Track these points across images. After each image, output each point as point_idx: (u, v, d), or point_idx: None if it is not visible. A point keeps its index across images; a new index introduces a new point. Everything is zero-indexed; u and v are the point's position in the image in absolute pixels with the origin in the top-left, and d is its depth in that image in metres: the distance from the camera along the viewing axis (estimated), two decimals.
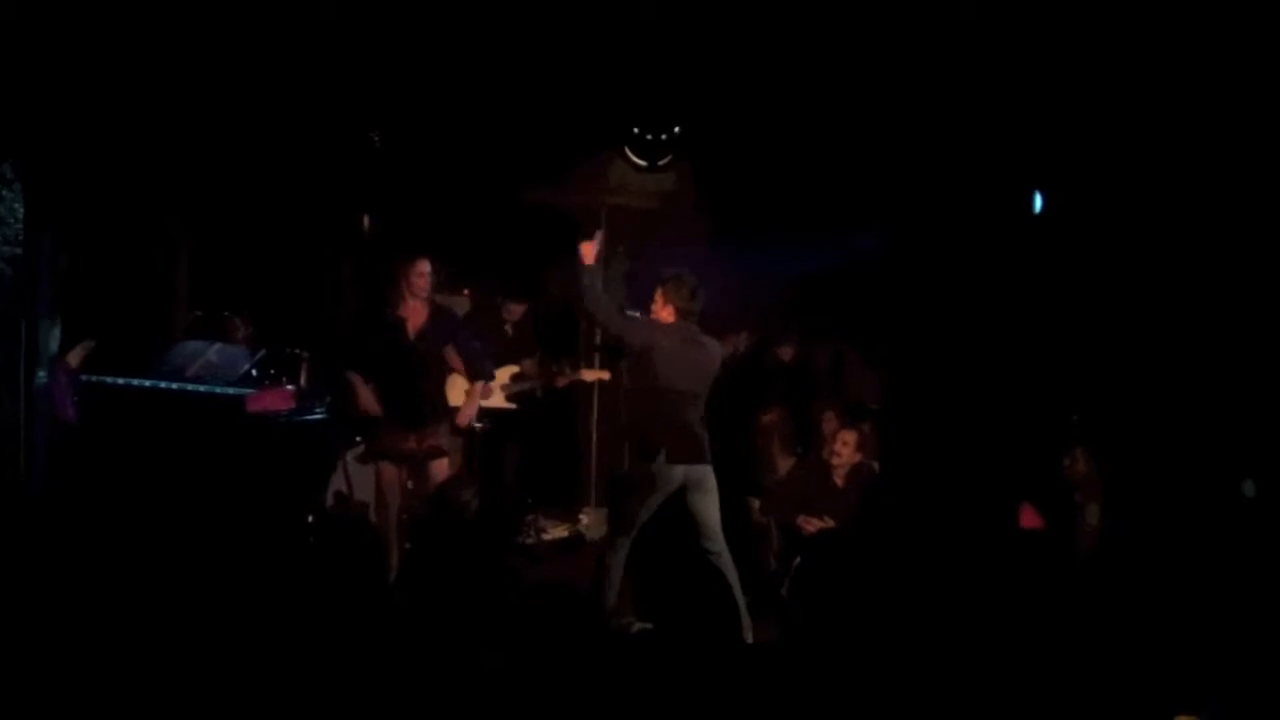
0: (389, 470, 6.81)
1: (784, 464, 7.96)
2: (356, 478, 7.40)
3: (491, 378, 7.27)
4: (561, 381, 8.43)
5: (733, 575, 6.25)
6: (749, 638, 6.16)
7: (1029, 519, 6.86)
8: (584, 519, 9.10)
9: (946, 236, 7.06)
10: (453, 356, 7.04)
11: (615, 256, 6.84)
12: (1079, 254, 7.50)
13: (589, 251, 6.16)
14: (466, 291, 9.18)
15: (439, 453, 6.86)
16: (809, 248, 8.72)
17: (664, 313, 6.25)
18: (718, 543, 6.25)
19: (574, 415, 9.53)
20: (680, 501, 6.22)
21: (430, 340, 6.83)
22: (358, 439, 7.39)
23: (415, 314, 6.82)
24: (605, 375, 8.46)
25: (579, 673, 5.53)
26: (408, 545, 6.89)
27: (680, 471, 6.13)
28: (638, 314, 6.50)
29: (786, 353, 9.05)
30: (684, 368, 6.15)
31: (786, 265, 8.82)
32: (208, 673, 5.00)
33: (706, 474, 6.22)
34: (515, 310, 8.65)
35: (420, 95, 7.76)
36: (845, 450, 7.32)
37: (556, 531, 8.91)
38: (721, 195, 8.61)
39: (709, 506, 6.23)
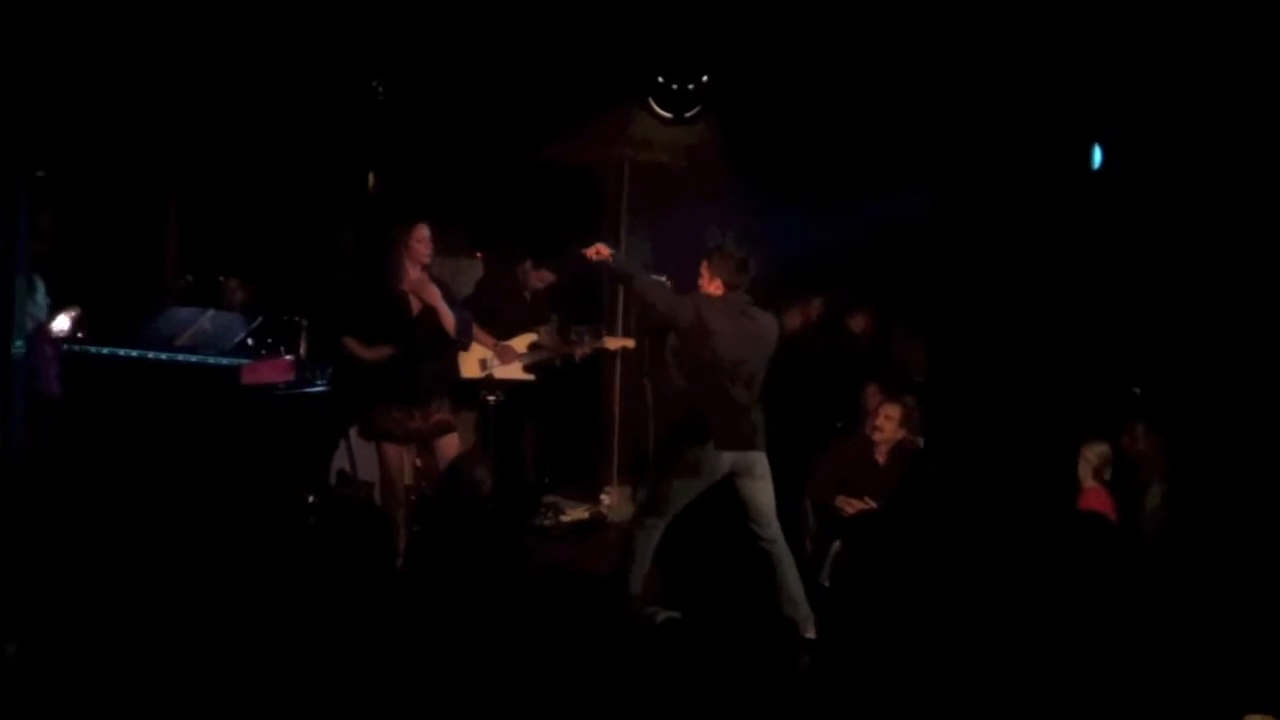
0: (392, 449, 6.79)
1: None
2: (361, 455, 7.39)
3: (466, 348, 7.25)
4: (581, 351, 8.38)
5: (788, 565, 6.22)
6: (810, 633, 6.14)
7: (1093, 500, 6.78)
8: (606, 499, 9.08)
9: (997, 193, 7.01)
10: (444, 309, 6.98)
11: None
12: (1141, 212, 7.41)
13: (599, 252, 6.13)
14: (479, 254, 9.17)
15: (447, 428, 6.83)
16: (848, 207, 8.59)
17: (711, 286, 6.18)
18: (770, 529, 6.21)
19: (596, 387, 9.48)
20: (724, 483, 6.18)
21: (428, 314, 6.80)
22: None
23: (416, 286, 6.81)
24: (629, 343, 8.38)
25: (598, 665, 5.49)
26: (416, 528, 6.94)
27: (728, 459, 6.09)
28: (664, 278, 6.49)
29: (858, 323, 8.93)
30: (734, 346, 6.10)
31: (823, 226, 8.68)
32: (200, 663, 5.02)
33: (757, 461, 6.17)
34: (543, 277, 8.64)
35: (426, 41, 7.73)
36: (888, 425, 7.27)
37: (576, 513, 8.86)
38: (753, 151, 8.59)
39: (760, 493, 6.20)
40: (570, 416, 9.28)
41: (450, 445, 6.81)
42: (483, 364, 7.97)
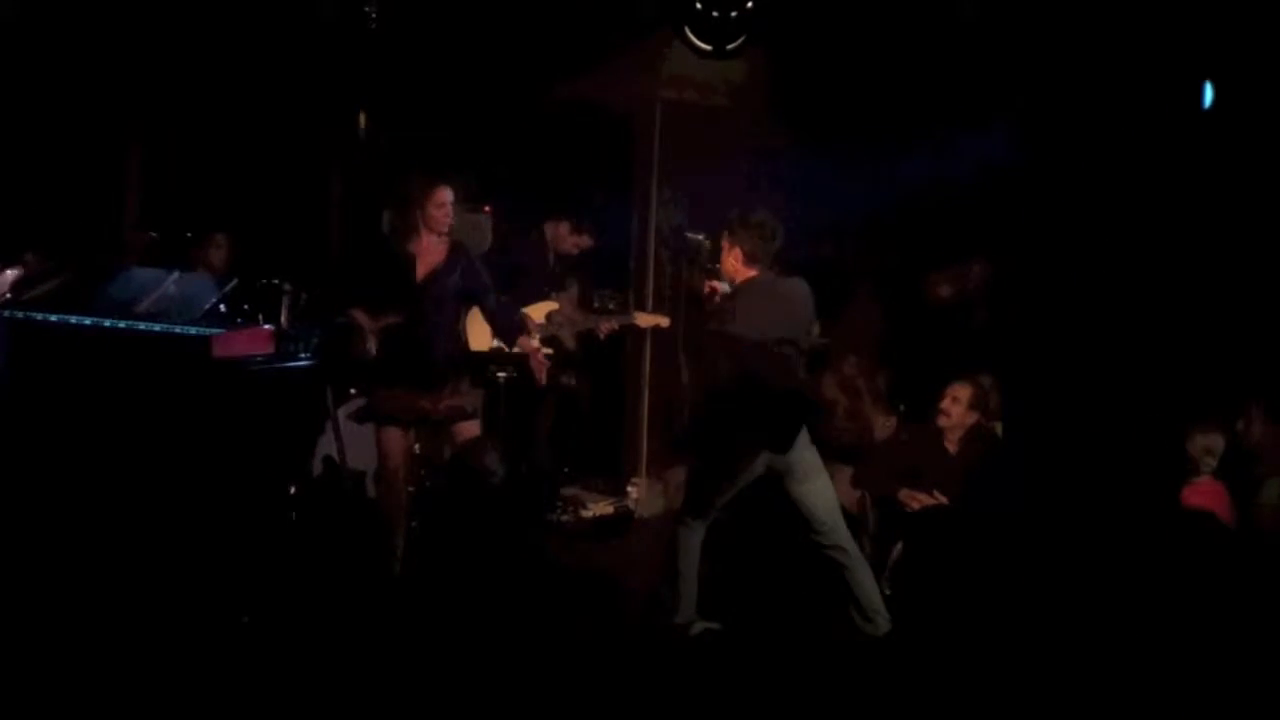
0: (393, 435, 6.76)
1: (883, 425, 7.90)
2: (352, 440, 7.37)
3: (524, 331, 7.21)
4: (607, 327, 8.33)
5: (862, 573, 6.20)
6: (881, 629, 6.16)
7: (1204, 495, 6.69)
8: (633, 492, 9.06)
9: (1092, 138, 6.84)
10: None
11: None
12: (1257, 160, 7.29)
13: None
14: (488, 208, 9.09)
15: (461, 414, 6.79)
16: (914, 155, 8.45)
17: (730, 259, 6.16)
18: (832, 534, 6.19)
19: (622, 365, 9.44)
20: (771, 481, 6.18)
21: (443, 284, 6.77)
22: (353, 391, 7.37)
23: (429, 251, 6.75)
24: (663, 321, 8.35)
25: (625, 684, 5.51)
26: (414, 524, 6.92)
27: (763, 459, 6.09)
28: (701, 236, 6.49)
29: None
30: (768, 327, 6.08)
31: (886, 178, 8.56)
32: (159, 681, 5.00)
33: (799, 459, 6.14)
34: (581, 243, 8.60)
35: None
36: (957, 409, 7.23)
37: (599, 507, 8.85)
38: (805, 89, 8.50)
39: (811, 495, 6.18)
40: (593, 397, 9.24)
41: (463, 433, 6.78)
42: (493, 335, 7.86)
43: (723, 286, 6.19)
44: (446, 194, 6.72)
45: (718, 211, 6.45)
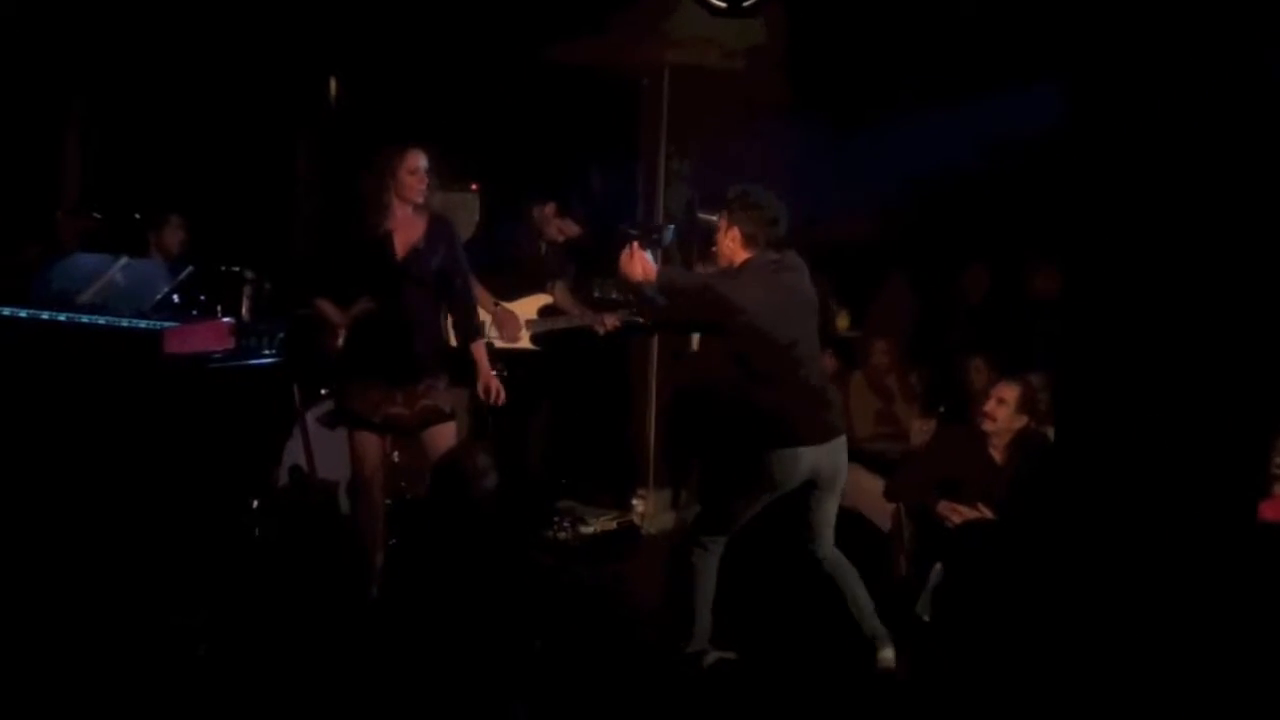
0: (367, 441, 6.73)
1: (919, 429, 7.98)
2: (322, 447, 7.41)
3: (479, 335, 7.18)
4: (609, 322, 8.33)
5: (853, 574, 6.22)
6: (890, 659, 6.16)
7: None
8: (638, 505, 9.02)
9: (1149, 104, 6.77)
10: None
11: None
12: None
13: (638, 266, 6.07)
14: (475, 186, 9.15)
15: (439, 416, 6.73)
16: (949, 126, 8.46)
17: (728, 242, 6.15)
18: (828, 546, 6.25)
19: (625, 362, 9.36)
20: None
21: (425, 264, 6.71)
22: (323, 392, 7.36)
23: (406, 226, 6.69)
24: None
25: None
26: (394, 541, 6.91)
27: (811, 458, 6.04)
28: (715, 216, 6.37)
29: (972, 280, 8.96)
30: (784, 317, 6.07)
31: (917, 150, 8.53)
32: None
33: (843, 449, 6.16)
34: (565, 229, 8.62)
35: None
36: (1003, 411, 7.18)
37: (600, 523, 8.80)
38: (831, 50, 8.47)
39: (831, 501, 6.21)
40: (592, 399, 9.23)
41: (442, 437, 6.72)
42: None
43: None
44: (419, 158, 6.66)
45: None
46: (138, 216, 7.95)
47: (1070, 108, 7.40)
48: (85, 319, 6.50)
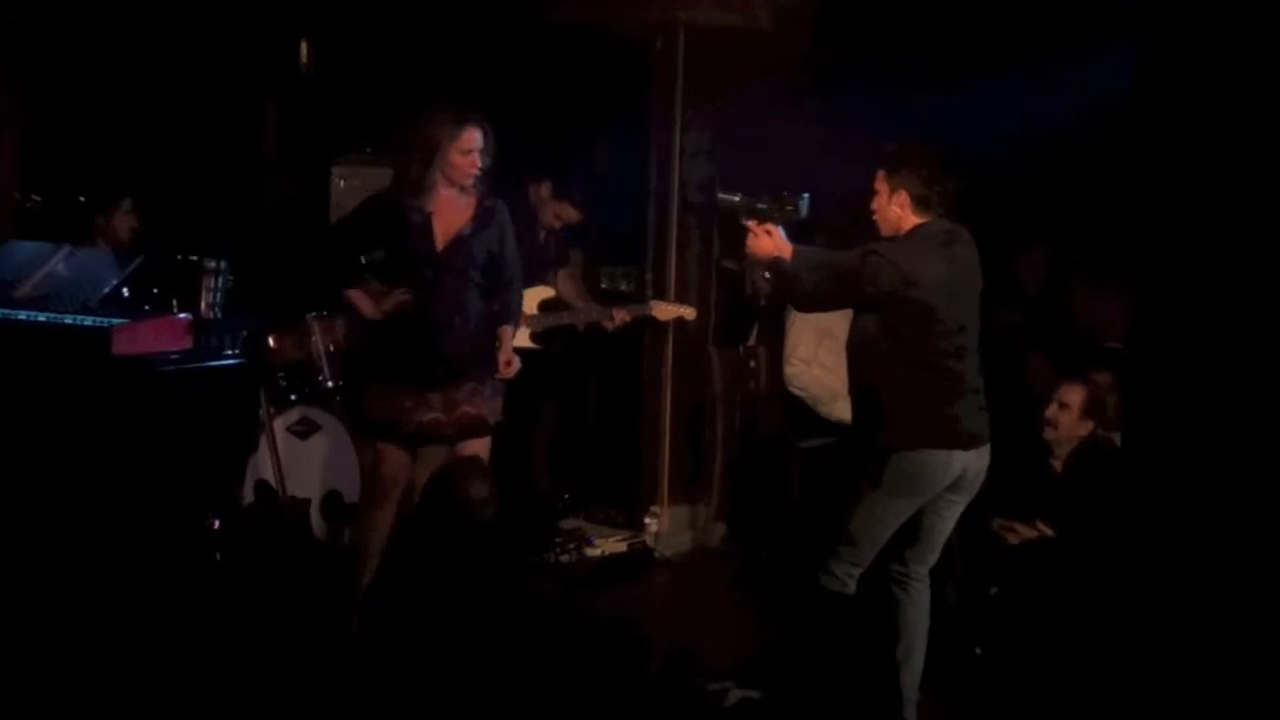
0: (392, 454, 6.75)
1: None
2: (293, 460, 7.51)
3: (514, 323, 7.25)
4: (620, 319, 8.36)
5: (917, 629, 6.18)
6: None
7: None
8: (652, 525, 9.01)
9: (1233, 68, 6.61)
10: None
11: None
12: None
13: (769, 243, 6.03)
14: None
15: (480, 427, 6.79)
16: (1004, 94, 8.43)
17: (893, 207, 6.04)
18: (927, 565, 6.21)
19: (637, 363, 9.36)
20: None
21: (468, 251, 6.75)
22: (294, 398, 7.51)
23: (450, 210, 6.77)
24: (688, 313, 8.40)
25: None
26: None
27: (959, 464, 6.00)
28: (738, 196, 6.39)
29: (1028, 267, 9.01)
30: (951, 297, 6.00)
31: (967, 121, 8.47)
32: None
33: (986, 460, 6.13)
34: (562, 213, 8.67)
35: None
36: (1066, 417, 7.25)
37: (609, 544, 8.81)
38: (867, 10, 8.48)
39: (956, 514, 6.16)
40: (600, 404, 9.36)
41: (477, 452, 6.75)
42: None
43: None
44: (475, 136, 6.67)
45: (757, 165, 6.49)
46: (83, 199, 7.99)
47: (1141, 73, 7.39)
48: (22, 315, 6.43)
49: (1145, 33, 7.10)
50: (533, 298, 8.22)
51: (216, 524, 6.78)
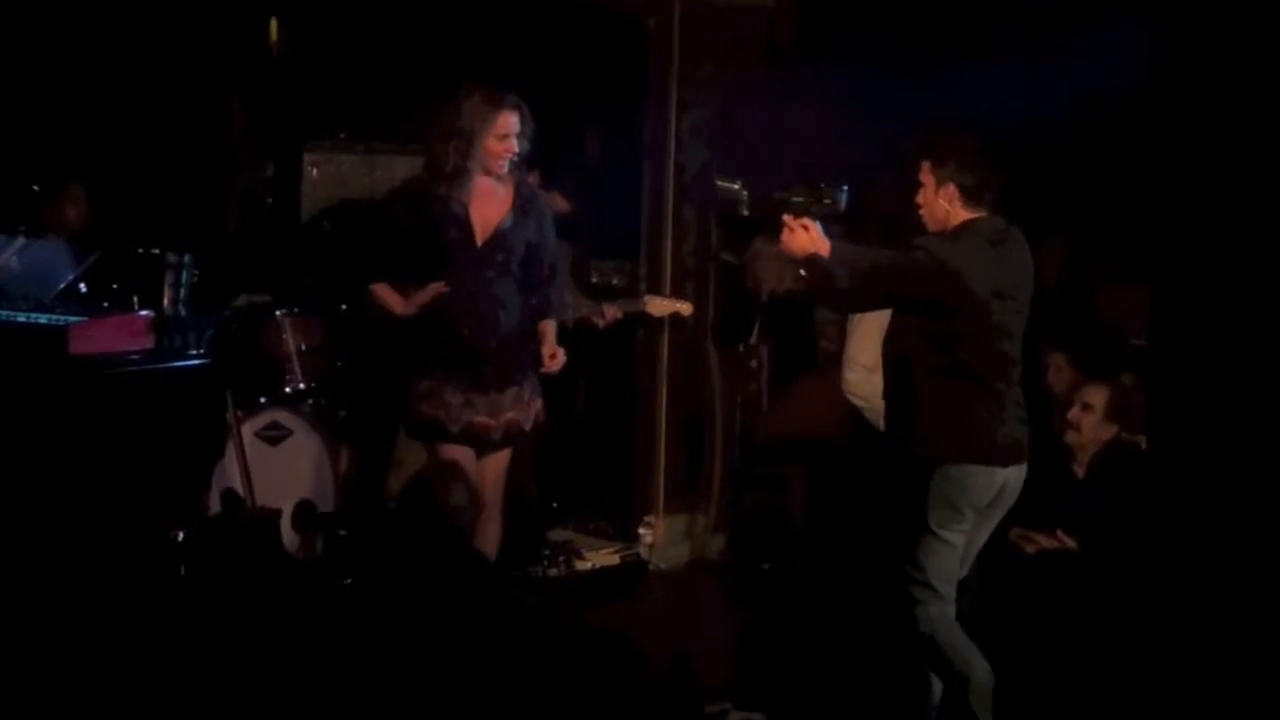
0: (457, 455, 6.68)
1: None
2: (262, 467, 7.49)
3: (553, 317, 7.24)
4: (610, 313, 8.30)
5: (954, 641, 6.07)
6: None
7: None
8: (646, 536, 9.00)
9: (1261, 50, 6.69)
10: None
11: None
12: None
13: (806, 239, 5.90)
14: None
15: (520, 435, 6.83)
16: (1016, 74, 8.40)
17: (940, 201, 5.96)
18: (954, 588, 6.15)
19: (630, 363, 9.39)
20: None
21: (511, 244, 6.74)
22: (263, 400, 7.55)
23: (487, 200, 6.75)
24: (684, 308, 8.37)
25: None
26: (348, 581, 7.10)
27: (1000, 481, 5.96)
28: (738, 184, 6.53)
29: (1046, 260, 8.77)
30: (1006, 303, 5.94)
31: (977, 104, 8.46)
32: None
33: (1023, 476, 6.07)
34: (552, 202, 8.55)
35: None
36: (1089, 420, 7.28)
37: (601, 557, 8.81)
38: None
39: (990, 528, 6.13)
40: (591, 407, 9.36)
41: (499, 461, 6.82)
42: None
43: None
44: (512, 120, 6.62)
45: (757, 149, 6.30)
46: (36, 188, 8.01)
47: (1164, 52, 7.39)
48: None
49: (1167, 9, 7.13)
50: None
51: (180, 536, 6.76)
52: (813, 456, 8.48)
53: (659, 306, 8.37)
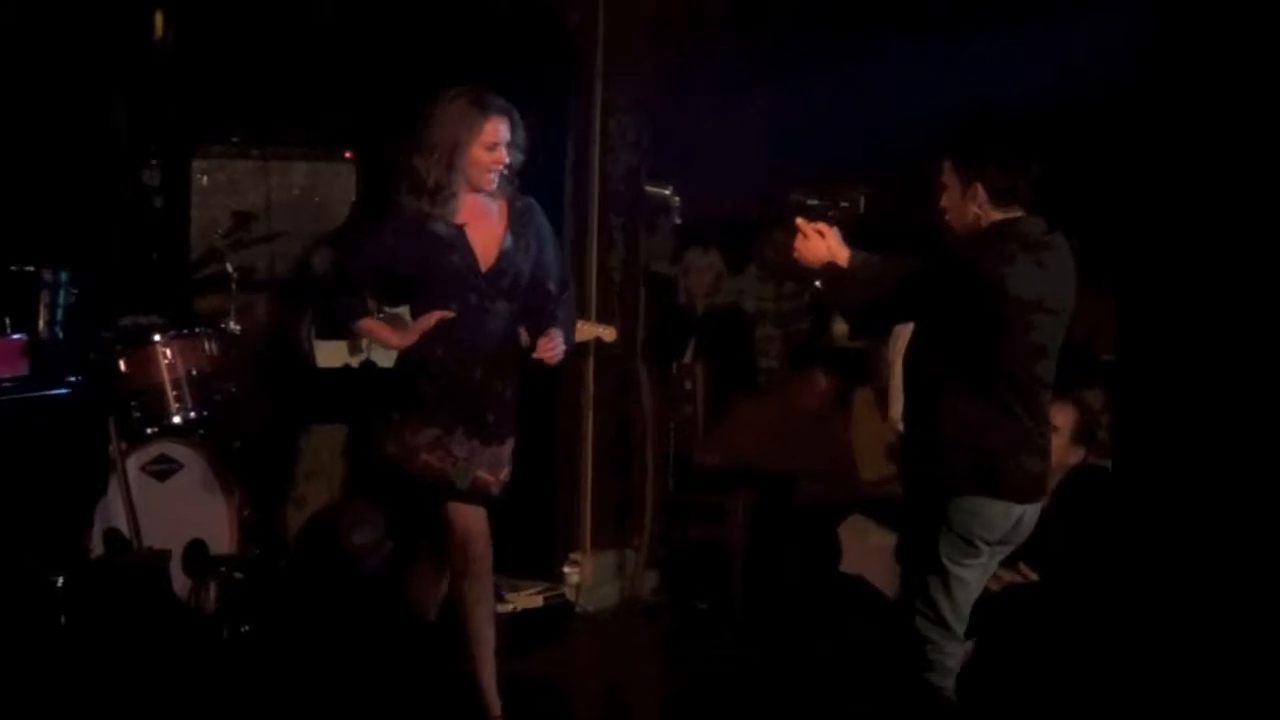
0: (470, 514, 6.61)
1: None
2: (149, 504, 7.46)
3: (571, 347, 7.11)
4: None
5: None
6: None
7: None
8: (573, 574, 9.06)
9: (1239, 51, 6.85)
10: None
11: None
12: None
13: (823, 247, 5.86)
14: (349, 154, 9.18)
15: (494, 490, 6.66)
16: (986, 58, 8.56)
17: (969, 205, 5.82)
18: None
19: (554, 388, 9.24)
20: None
21: (515, 268, 6.61)
22: (151, 431, 7.52)
23: (481, 218, 6.58)
24: (607, 334, 8.33)
25: None
26: (245, 628, 7.00)
27: (1015, 517, 5.90)
28: (669, 189, 6.41)
29: None
30: (1040, 317, 5.81)
31: (942, 91, 8.59)
32: None
33: (1037, 514, 6.05)
34: None
35: None
36: (1056, 442, 7.00)
37: (523, 598, 8.86)
38: None
39: (994, 566, 6.12)
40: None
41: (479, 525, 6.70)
42: (353, 346, 7.93)
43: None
44: (501, 126, 6.43)
45: (692, 152, 6.34)
46: None
47: (1143, 39, 7.48)
48: None
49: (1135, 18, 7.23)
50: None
51: (60, 581, 6.73)
52: (754, 484, 8.59)
53: (580, 331, 8.31)
